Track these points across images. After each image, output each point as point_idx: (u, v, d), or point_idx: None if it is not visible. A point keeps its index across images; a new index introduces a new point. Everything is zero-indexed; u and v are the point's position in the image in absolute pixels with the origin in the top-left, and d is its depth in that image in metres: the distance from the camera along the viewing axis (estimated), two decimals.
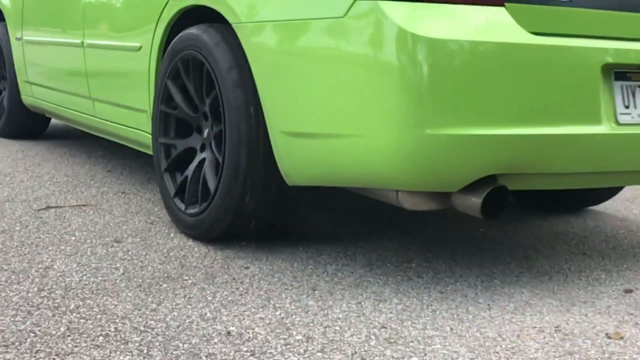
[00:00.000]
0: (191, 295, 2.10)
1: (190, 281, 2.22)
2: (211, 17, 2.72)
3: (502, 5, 2.11)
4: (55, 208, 3.01)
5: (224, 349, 1.76)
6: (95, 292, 2.10)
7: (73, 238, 2.62)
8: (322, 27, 2.16)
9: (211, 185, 2.57)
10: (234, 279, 2.26)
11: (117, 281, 2.20)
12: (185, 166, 2.77)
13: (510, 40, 2.05)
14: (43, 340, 1.76)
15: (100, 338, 1.79)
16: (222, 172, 2.48)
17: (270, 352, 1.75)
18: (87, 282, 2.17)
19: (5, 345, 1.72)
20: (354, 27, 2.07)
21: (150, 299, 2.06)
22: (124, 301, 2.04)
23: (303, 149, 2.27)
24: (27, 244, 2.53)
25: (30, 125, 4.76)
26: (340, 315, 2.00)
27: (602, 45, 2.22)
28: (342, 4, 2.10)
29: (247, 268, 2.37)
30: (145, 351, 1.73)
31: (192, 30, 2.67)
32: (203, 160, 2.68)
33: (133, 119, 3.19)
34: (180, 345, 1.77)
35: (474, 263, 2.54)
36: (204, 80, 2.63)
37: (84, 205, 3.07)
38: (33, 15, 4.23)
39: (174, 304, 2.03)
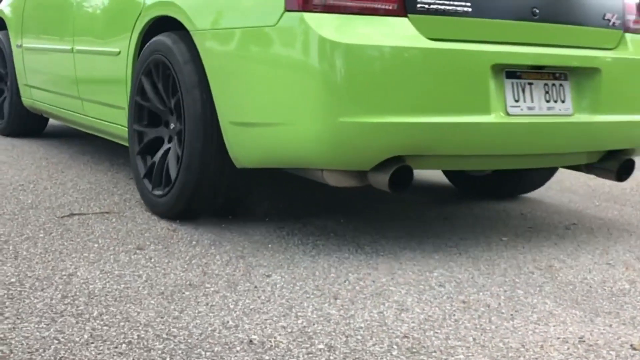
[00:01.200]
0: (213, 303, 2.11)
1: (212, 289, 2.23)
2: (179, 26, 3.01)
3: (405, 16, 2.50)
4: (78, 215, 3.04)
5: (246, 358, 1.76)
6: (118, 299, 2.11)
7: (96, 245, 2.63)
8: (259, 34, 2.56)
9: (172, 173, 2.94)
10: (255, 287, 2.27)
11: (140, 288, 2.21)
12: (155, 151, 3.15)
13: (409, 45, 2.46)
14: (67, 347, 1.77)
15: (123, 345, 1.80)
16: (181, 162, 2.86)
17: None
18: (110, 289, 2.19)
19: (29, 352, 1.73)
20: (283, 34, 2.48)
21: (172, 307, 2.07)
22: (147, 308, 2.05)
23: (247, 136, 2.67)
24: (51, 250, 2.55)
25: (30, 125, 5.19)
26: (362, 325, 2.00)
27: (492, 49, 2.60)
28: (274, 15, 2.49)
29: (268, 276, 2.37)
30: (167, 359, 1.73)
31: (160, 37, 3.06)
32: (168, 149, 3.05)
33: (113, 115, 3.60)
34: (203, 353, 1.77)
35: (497, 272, 2.52)
36: (170, 83, 3.01)
37: (107, 213, 3.09)
38: (31, 25, 4.70)
39: (197, 311, 2.04)
